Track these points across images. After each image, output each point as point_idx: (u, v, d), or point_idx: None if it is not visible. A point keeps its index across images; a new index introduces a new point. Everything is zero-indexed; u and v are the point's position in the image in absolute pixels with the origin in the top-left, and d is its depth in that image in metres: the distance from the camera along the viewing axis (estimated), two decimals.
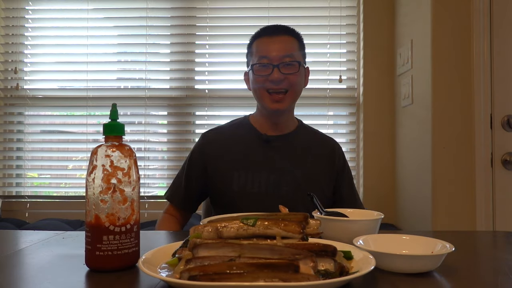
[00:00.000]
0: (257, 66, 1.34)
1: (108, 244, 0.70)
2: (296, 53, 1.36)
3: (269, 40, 1.36)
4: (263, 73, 1.33)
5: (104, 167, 0.72)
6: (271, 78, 1.31)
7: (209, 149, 1.40)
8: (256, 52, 1.36)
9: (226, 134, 1.43)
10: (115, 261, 0.71)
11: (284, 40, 1.36)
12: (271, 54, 1.32)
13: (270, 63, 1.32)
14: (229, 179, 1.33)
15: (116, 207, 0.71)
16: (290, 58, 1.33)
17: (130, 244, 0.72)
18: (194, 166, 1.41)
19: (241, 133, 1.42)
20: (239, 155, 1.36)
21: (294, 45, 1.37)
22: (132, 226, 0.73)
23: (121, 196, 0.72)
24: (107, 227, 0.70)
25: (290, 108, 1.39)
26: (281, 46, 1.34)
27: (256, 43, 1.38)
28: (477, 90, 1.89)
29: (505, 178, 1.89)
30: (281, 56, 1.32)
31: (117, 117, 0.76)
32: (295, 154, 1.38)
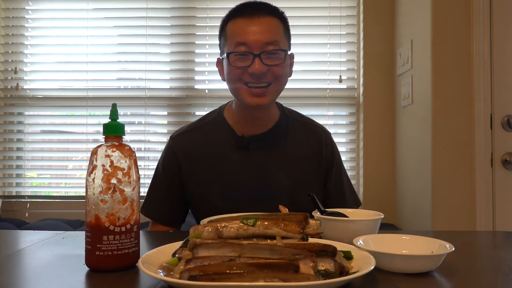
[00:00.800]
0: (234, 56, 1.11)
1: (108, 244, 0.70)
2: (281, 39, 1.13)
3: (247, 22, 1.11)
4: (241, 64, 1.11)
5: (104, 167, 0.72)
6: (251, 70, 1.09)
7: (181, 157, 1.22)
8: (231, 36, 1.13)
9: (198, 140, 1.24)
10: (115, 261, 0.71)
11: (266, 22, 1.12)
12: (250, 40, 1.09)
13: (250, 51, 1.09)
14: (206, 193, 1.20)
15: (116, 207, 0.71)
16: (274, 46, 1.11)
17: (130, 244, 0.72)
18: (170, 176, 1.24)
19: (215, 136, 1.23)
20: (214, 168, 1.20)
21: (278, 28, 1.14)
22: (132, 226, 0.73)
23: (121, 196, 0.72)
24: (107, 227, 0.70)
25: (272, 102, 1.20)
26: (263, 29, 1.10)
27: (231, 25, 1.14)
28: (477, 90, 1.89)
29: (505, 178, 1.89)
30: (264, 43, 1.10)
31: (117, 117, 0.76)
32: (278, 156, 1.22)
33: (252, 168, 1.21)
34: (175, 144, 1.25)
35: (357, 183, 2.49)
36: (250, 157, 1.21)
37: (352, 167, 2.52)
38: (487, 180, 1.88)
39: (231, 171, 1.20)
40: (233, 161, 1.21)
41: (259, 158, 1.22)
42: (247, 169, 1.21)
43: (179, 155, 1.23)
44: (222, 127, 1.24)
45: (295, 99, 2.47)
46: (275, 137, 1.23)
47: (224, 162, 1.21)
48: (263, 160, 1.22)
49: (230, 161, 1.21)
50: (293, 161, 1.24)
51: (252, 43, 1.10)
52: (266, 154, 1.22)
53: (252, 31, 1.10)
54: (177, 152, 1.24)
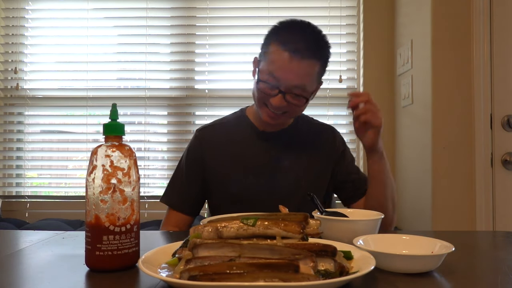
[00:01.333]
0: (263, 84, 1.18)
1: (108, 244, 0.70)
2: (310, 83, 1.19)
3: (288, 59, 1.14)
4: (266, 91, 1.17)
5: (104, 167, 0.72)
6: (272, 102, 1.17)
7: (205, 147, 1.33)
8: (269, 59, 1.17)
9: (222, 131, 1.36)
10: (115, 261, 0.71)
11: (306, 66, 1.15)
12: (282, 78, 1.14)
13: (277, 86, 1.15)
14: (227, 180, 1.29)
15: (116, 207, 0.71)
16: (301, 91, 1.16)
17: (130, 244, 0.72)
18: (193, 165, 1.33)
19: (238, 130, 1.35)
20: (237, 155, 1.30)
21: (313, 73, 1.18)
22: (132, 226, 0.73)
23: (121, 196, 0.72)
24: (107, 227, 0.70)
25: (285, 123, 1.32)
26: (297, 74, 1.14)
27: (275, 47, 1.17)
28: (477, 90, 1.89)
29: (505, 178, 1.89)
30: (293, 86, 1.15)
31: (117, 117, 0.76)
32: (295, 150, 1.32)
33: (271, 161, 1.29)
34: (200, 135, 1.36)
35: None
36: (269, 151, 1.30)
37: None
38: (487, 180, 1.88)
39: (252, 162, 1.29)
40: (254, 154, 1.30)
41: (277, 152, 1.31)
42: (267, 161, 1.29)
43: (203, 145, 1.33)
44: (245, 124, 1.35)
45: None
46: (293, 134, 1.34)
47: (245, 154, 1.30)
48: (282, 154, 1.31)
49: (251, 153, 1.30)
50: (308, 156, 1.33)
51: (282, 81, 1.15)
52: (284, 149, 1.31)
53: (287, 70, 1.14)
54: (201, 142, 1.34)
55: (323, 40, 1.21)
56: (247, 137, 1.33)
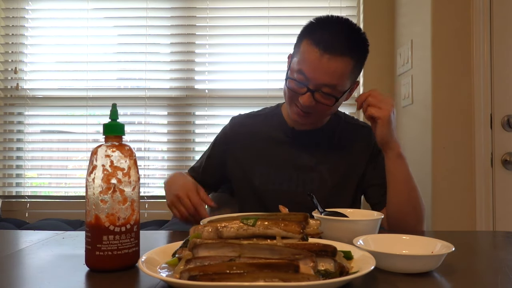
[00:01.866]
0: (292, 81, 1.16)
1: (108, 244, 0.70)
2: (341, 84, 1.14)
3: (318, 56, 1.10)
4: (295, 89, 1.16)
5: (104, 167, 0.72)
6: (301, 100, 1.14)
7: (235, 133, 1.37)
8: (300, 57, 1.15)
9: (254, 124, 1.37)
10: (115, 261, 0.71)
11: (336, 63, 1.11)
12: (311, 76, 1.12)
13: (306, 83, 1.13)
14: (251, 172, 1.31)
15: (116, 207, 0.71)
16: (330, 89, 1.13)
17: (130, 244, 0.72)
18: (220, 148, 1.39)
19: (270, 125, 1.35)
20: (264, 149, 1.32)
21: (344, 72, 1.13)
22: (132, 226, 0.73)
23: (121, 196, 0.72)
24: (107, 227, 0.70)
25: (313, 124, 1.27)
26: (327, 72, 1.11)
27: (305, 45, 1.14)
28: (477, 90, 1.89)
29: (505, 178, 1.89)
30: (321, 83, 1.12)
31: (117, 117, 0.76)
32: (323, 150, 1.30)
33: (297, 159, 1.29)
34: (233, 123, 1.40)
35: None
36: (297, 149, 1.30)
37: None
38: (487, 180, 1.88)
39: (277, 158, 1.30)
40: (281, 149, 1.31)
41: (305, 151, 1.30)
42: (292, 158, 1.29)
43: (234, 132, 1.37)
44: (277, 118, 1.36)
45: None
46: (324, 135, 1.32)
47: (272, 148, 1.32)
48: (309, 154, 1.30)
49: (278, 148, 1.31)
50: (339, 158, 1.30)
51: (311, 79, 1.12)
52: (313, 149, 1.30)
53: (317, 68, 1.11)
54: (233, 129, 1.38)
55: (358, 37, 1.18)
56: (275, 132, 1.34)
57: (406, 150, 2.24)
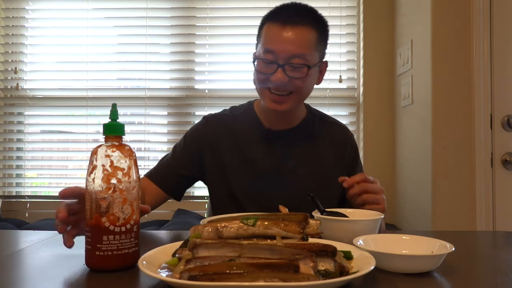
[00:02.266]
0: (260, 61, 1.14)
1: (108, 244, 0.70)
2: (310, 52, 1.13)
3: (279, 29, 1.11)
4: (265, 70, 1.13)
5: (104, 167, 0.71)
6: (273, 78, 1.12)
7: (210, 135, 1.27)
8: (263, 39, 1.15)
9: (231, 125, 1.29)
10: (115, 261, 0.71)
11: (298, 32, 1.11)
12: (277, 50, 1.10)
13: (275, 61, 1.11)
14: (229, 175, 1.24)
15: (116, 207, 0.71)
16: (300, 59, 1.11)
17: (130, 244, 0.72)
18: (193, 147, 1.28)
19: (246, 126, 1.28)
20: (241, 152, 1.25)
21: (310, 39, 1.13)
22: (132, 226, 0.73)
23: (121, 196, 0.71)
24: (107, 227, 0.70)
25: (292, 108, 1.20)
26: (292, 40, 1.10)
27: (266, 27, 1.15)
28: (477, 90, 1.89)
29: (505, 178, 1.89)
30: (290, 55, 1.10)
31: (117, 117, 0.75)
32: (301, 151, 1.26)
33: (274, 161, 1.24)
34: (207, 123, 1.31)
35: None
36: (274, 150, 1.25)
37: None
38: (487, 180, 1.88)
39: (254, 161, 1.24)
40: (257, 152, 1.25)
41: (282, 152, 1.25)
42: (270, 161, 1.24)
43: (209, 134, 1.28)
44: (251, 119, 1.29)
45: None
46: (300, 134, 1.27)
47: (248, 151, 1.25)
48: (287, 155, 1.25)
49: (255, 151, 1.25)
50: (317, 158, 1.27)
51: (279, 53, 1.11)
52: (290, 150, 1.26)
53: (281, 40, 1.11)
54: (208, 130, 1.29)
55: (316, 12, 1.19)
56: (251, 135, 1.27)
57: (406, 150, 2.25)
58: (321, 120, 1.33)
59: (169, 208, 2.42)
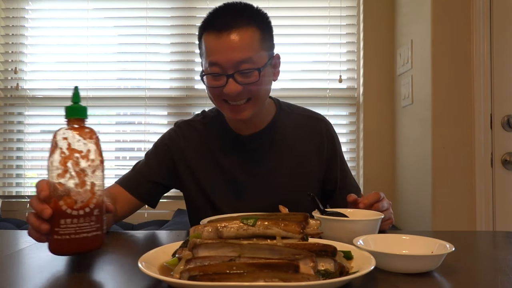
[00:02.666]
0: (209, 77, 1.08)
1: (65, 228, 0.69)
2: (256, 53, 1.06)
3: (217, 39, 1.05)
4: (216, 84, 1.08)
5: (61, 149, 0.70)
6: (226, 91, 1.06)
7: (183, 142, 1.23)
8: (205, 52, 1.08)
9: (201, 131, 1.24)
10: (73, 245, 0.70)
11: (237, 37, 1.04)
12: (221, 61, 1.04)
13: (223, 72, 1.05)
14: (205, 184, 1.20)
15: (74, 190, 0.70)
16: (248, 63, 1.05)
17: (89, 228, 0.71)
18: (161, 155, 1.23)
19: (216, 132, 1.24)
20: (215, 159, 1.21)
21: (252, 40, 1.06)
22: (92, 209, 0.71)
23: (79, 179, 0.70)
24: (64, 210, 0.69)
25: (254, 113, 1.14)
26: (233, 47, 1.04)
27: (205, 38, 1.09)
28: (477, 90, 1.89)
29: (505, 178, 1.89)
30: (236, 62, 1.04)
31: (79, 100, 0.75)
32: (277, 153, 1.21)
33: (250, 166, 1.20)
34: (180, 131, 1.26)
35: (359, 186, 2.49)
36: (246, 156, 1.21)
37: (352, 167, 2.52)
38: (487, 180, 1.88)
39: (230, 168, 1.20)
40: (232, 158, 1.21)
41: (257, 156, 1.21)
42: (245, 166, 1.20)
43: (181, 141, 1.23)
44: (221, 125, 1.24)
45: (295, 99, 2.43)
46: (273, 134, 1.22)
47: (221, 158, 1.21)
48: (262, 158, 1.21)
49: (230, 158, 1.21)
50: (293, 156, 1.22)
51: (224, 63, 1.05)
52: (264, 152, 1.22)
53: (222, 49, 1.04)
54: (180, 137, 1.24)
55: (248, 7, 1.11)
56: (223, 141, 1.23)
57: (406, 150, 2.25)
58: (291, 115, 1.27)
59: (169, 208, 2.42)
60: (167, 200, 2.49)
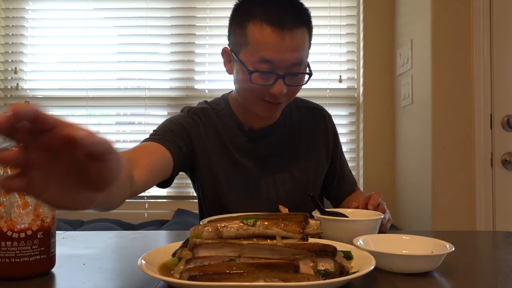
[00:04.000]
0: (257, 74, 1.01)
1: (6, 251, 0.66)
2: (305, 56, 1.04)
3: (277, 35, 0.98)
4: (262, 82, 1.02)
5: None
6: (273, 91, 1.02)
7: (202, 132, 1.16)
8: (255, 45, 1.00)
9: (216, 123, 1.19)
10: (12, 269, 0.67)
11: (297, 37, 1.00)
12: (277, 59, 0.99)
13: (275, 71, 1.00)
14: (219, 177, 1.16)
15: (15, 212, 0.67)
16: (299, 66, 1.03)
17: (31, 252, 0.68)
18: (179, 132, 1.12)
19: (225, 125, 1.19)
20: (228, 154, 1.17)
21: (306, 43, 1.03)
22: (35, 232, 0.68)
23: (20, 200, 0.67)
24: (4, 232, 0.66)
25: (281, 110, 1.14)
26: (293, 48, 0.99)
27: (255, 29, 0.99)
28: (477, 90, 1.89)
29: (505, 178, 1.89)
30: (290, 64, 1.01)
31: None
32: (288, 147, 1.20)
33: (263, 162, 1.19)
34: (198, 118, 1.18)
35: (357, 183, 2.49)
36: (260, 150, 1.19)
37: (352, 167, 2.52)
38: (487, 180, 1.88)
39: (243, 163, 1.17)
40: (245, 153, 1.18)
41: (268, 150, 1.20)
42: (259, 162, 1.18)
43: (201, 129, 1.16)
44: (231, 119, 1.19)
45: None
46: (282, 128, 1.21)
47: (235, 153, 1.17)
48: (273, 153, 1.20)
49: (242, 153, 1.18)
50: (304, 149, 1.22)
51: (279, 62, 0.99)
52: (276, 146, 1.20)
53: (281, 48, 0.98)
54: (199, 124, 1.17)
55: (299, 4, 1.06)
56: (234, 135, 1.18)
57: (406, 150, 2.25)
58: (298, 107, 1.26)
59: (169, 208, 2.42)
60: (167, 200, 2.49)
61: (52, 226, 0.71)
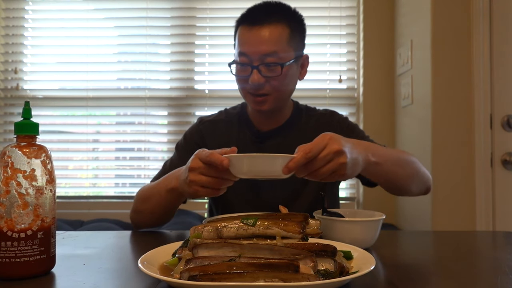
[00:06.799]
0: (236, 65, 1.18)
1: (6, 251, 0.67)
2: (282, 50, 1.13)
3: (249, 32, 1.13)
4: (242, 74, 1.17)
5: (5, 168, 0.68)
6: (250, 81, 1.14)
7: (207, 138, 1.28)
8: (237, 44, 1.18)
9: (222, 128, 1.30)
10: (13, 269, 0.67)
11: (268, 31, 1.11)
12: (249, 51, 1.13)
13: (249, 63, 1.13)
14: None
15: (15, 212, 0.67)
16: (273, 57, 1.12)
17: (31, 252, 0.68)
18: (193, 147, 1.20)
19: (237, 129, 1.29)
20: None
21: (281, 37, 1.12)
22: (35, 232, 0.68)
23: (20, 200, 0.67)
24: (5, 232, 0.67)
25: (276, 107, 1.21)
26: (261, 40, 1.11)
27: (239, 31, 1.18)
28: (477, 90, 1.89)
29: (505, 178, 1.89)
30: (261, 55, 1.12)
31: (30, 116, 0.72)
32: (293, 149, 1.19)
33: None
34: (204, 128, 1.31)
35: (357, 183, 2.49)
36: (266, 151, 1.22)
37: None
38: (487, 180, 1.88)
39: None
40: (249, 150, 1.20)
41: (275, 151, 1.18)
42: None
43: (205, 137, 1.28)
44: (243, 122, 1.29)
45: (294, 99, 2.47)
46: (289, 131, 1.27)
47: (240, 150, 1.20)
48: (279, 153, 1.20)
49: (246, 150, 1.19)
50: None
51: (251, 54, 1.13)
52: (281, 147, 1.21)
53: (251, 41, 1.13)
54: (204, 134, 1.29)
55: (280, 5, 1.19)
56: (244, 134, 1.27)
57: (406, 150, 2.25)
58: (307, 114, 1.33)
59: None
60: None
61: (52, 226, 0.71)
